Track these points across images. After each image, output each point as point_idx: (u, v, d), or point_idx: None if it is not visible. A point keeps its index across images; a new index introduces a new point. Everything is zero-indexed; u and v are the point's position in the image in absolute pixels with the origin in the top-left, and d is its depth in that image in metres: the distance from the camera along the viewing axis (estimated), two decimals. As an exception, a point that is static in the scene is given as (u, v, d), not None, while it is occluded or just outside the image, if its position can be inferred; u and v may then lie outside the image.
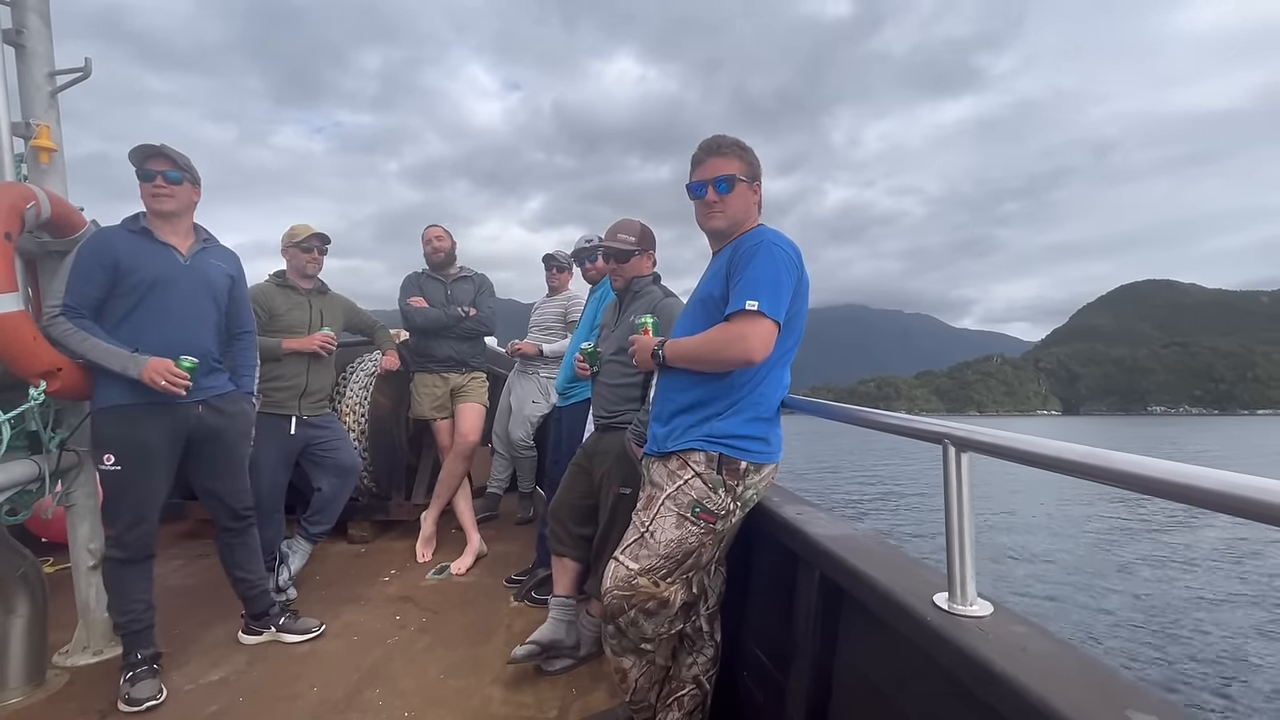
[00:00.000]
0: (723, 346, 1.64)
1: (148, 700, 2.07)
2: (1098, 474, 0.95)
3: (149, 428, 2.15)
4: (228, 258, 2.43)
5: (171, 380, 2.10)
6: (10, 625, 2.14)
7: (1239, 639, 8.11)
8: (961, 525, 1.21)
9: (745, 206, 1.80)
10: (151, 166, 2.19)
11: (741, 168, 1.78)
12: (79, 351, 2.07)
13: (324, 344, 3.17)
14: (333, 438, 3.26)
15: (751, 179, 1.80)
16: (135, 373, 2.08)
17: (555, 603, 2.42)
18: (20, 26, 2.28)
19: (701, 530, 1.70)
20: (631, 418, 2.25)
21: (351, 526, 3.94)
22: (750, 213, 1.82)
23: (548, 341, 4.15)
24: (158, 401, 2.13)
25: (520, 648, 2.25)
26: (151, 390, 2.10)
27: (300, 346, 3.11)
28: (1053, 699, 0.90)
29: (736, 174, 1.76)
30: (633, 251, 2.45)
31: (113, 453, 2.11)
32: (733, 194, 1.77)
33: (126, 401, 2.12)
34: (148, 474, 2.16)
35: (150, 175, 2.19)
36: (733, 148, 1.79)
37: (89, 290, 2.10)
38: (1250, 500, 0.73)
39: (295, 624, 2.61)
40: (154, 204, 2.21)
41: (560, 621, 2.37)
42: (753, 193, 1.81)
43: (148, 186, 2.19)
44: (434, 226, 3.82)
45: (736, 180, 1.76)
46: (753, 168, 1.80)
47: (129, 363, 2.08)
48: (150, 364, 2.09)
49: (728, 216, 1.79)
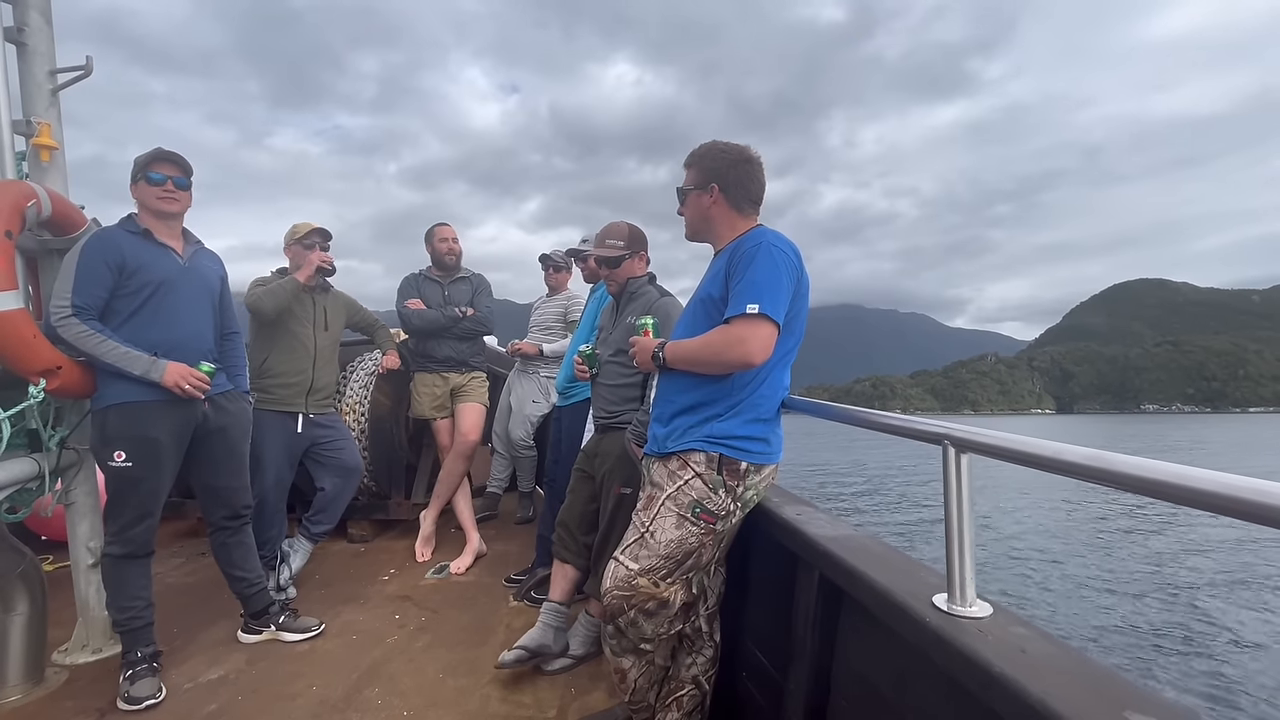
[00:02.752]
0: (723, 349, 1.65)
1: (147, 699, 2.07)
2: (1098, 476, 0.95)
3: (161, 424, 2.18)
4: (217, 260, 2.49)
5: (195, 384, 2.17)
6: (9, 623, 2.14)
7: (1238, 639, 8.11)
8: (961, 526, 1.21)
9: (698, 213, 1.85)
10: (163, 171, 2.22)
11: (692, 177, 1.85)
12: (94, 354, 2.08)
13: (321, 260, 3.17)
14: (337, 437, 3.27)
15: (702, 185, 1.82)
16: (157, 376, 2.12)
17: (547, 608, 2.41)
18: (22, 24, 2.28)
19: (702, 531, 1.70)
20: (631, 418, 2.25)
21: (351, 526, 3.93)
22: (709, 215, 1.84)
23: (548, 341, 4.15)
24: (169, 398, 2.17)
25: (508, 653, 2.24)
26: (161, 387, 2.13)
27: (306, 270, 3.12)
28: (1051, 700, 0.90)
29: (685, 185, 1.86)
30: (623, 256, 2.45)
31: (124, 449, 2.12)
32: (685, 205, 1.88)
33: (141, 398, 2.14)
34: (159, 469, 2.19)
35: (160, 179, 2.21)
36: (690, 158, 1.87)
37: (97, 291, 2.11)
38: (1248, 502, 0.73)
39: (295, 623, 2.61)
40: (162, 206, 2.23)
41: (549, 627, 2.35)
42: (707, 197, 1.82)
43: (156, 190, 2.21)
44: (446, 226, 3.78)
45: (685, 191, 1.86)
46: (704, 173, 1.82)
47: (150, 366, 2.12)
48: (171, 367, 2.14)
49: (689, 226, 1.91)
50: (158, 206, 2.23)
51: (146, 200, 2.23)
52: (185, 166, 2.26)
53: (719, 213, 1.83)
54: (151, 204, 2.23)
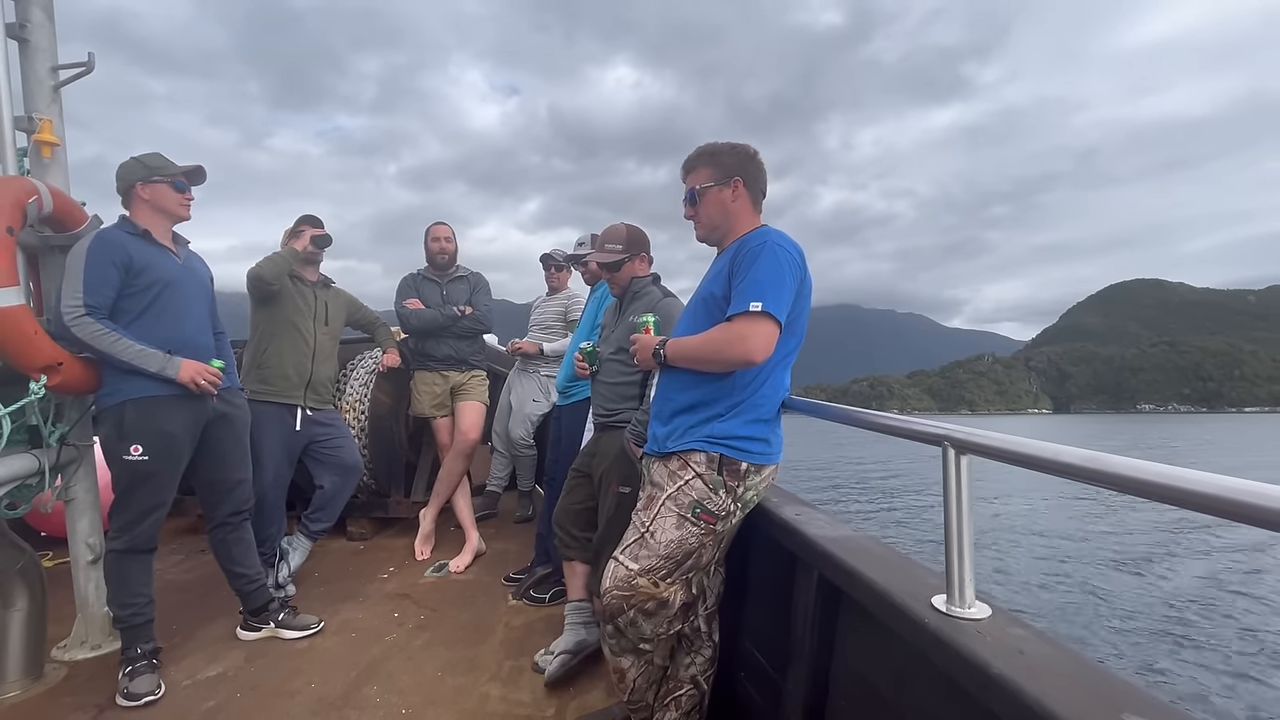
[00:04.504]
0: (724, 347, 1.65)
1: (146, 695, 2.07)
2: (1097, 478, 0.95)
3: (177, 418, 2.23)
4: (204, 263, 2.54)
5: (210, 380, 2.24)
6: (9, 619, 2.15)
7: (1238, 641, 8.12)
8: (961, 527, 1.21)
9: (720, 209, 1.83)
10: (189, 181, 2.35)
11: (709, 174, 1.82)
12: (110, 352, 2.10)
13: (314, 235, 3.19)
14: (336, 435, 3.27)
15: (723, 180, 1.80)
16: (173, 373, 2.18)
17: (570, 608, 2.41)
18: (24, 20, 2.28)
19: (702, 531, 1.70)
20: (630, 416, 2.25)
21: (350, 524, 3.94)
22: (731, 211, 1.82)
23: (548, 340, 4.15)
24: (183, 394, 2.22)
25: (552, 664, 2.22)
26: (175, 383, 2.19)
27: (299, 242, 3.14)
28: (1049, 702, 0.90)
29: (701, 184, 1.82)
30: (622, 259, 2.45)
31: (142, 443, 2.15)
32: (703, 202, 1.83)
33: (158, 393, 2.18)
34: (174, 463, 2.24)
35: (185, 187, 2.33)
36: (700, 158, 1.84)
37: (107, 291, 2.13)
38: (1247, 505, 0.74)
39: (294, 620, 2.61)
40: (181, 212, 2.35)
41: (578, 625, 2.36)
42: (729, 191, 1.81)
43: (179, 196, 2.32)
44: (442, 225, 3.78)
45: (704, 189, 1.82)
46: (724, 169, 1.80)
47: (166, 363, 2.17)
48: (186, 364, 2.21)
49: (703, 225, 1.87)
50: (177, 212, 2.33)
51: (165, 203, 2.28)
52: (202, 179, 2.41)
53: (741, 206, 1.82)
54: (171, 208, 2.30)
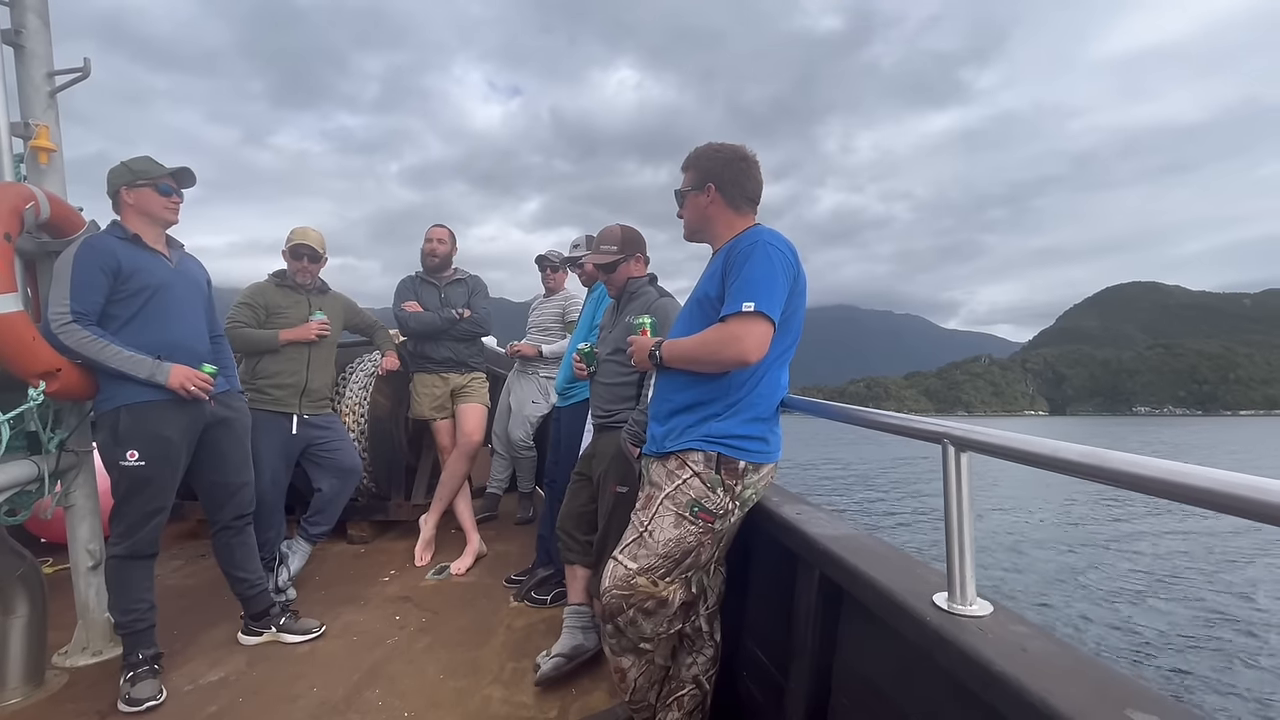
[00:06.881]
0: (718, 347, 1.65)
1: (147, 700, 2.07)
2: (1096, 473, 0.95)
3: (173, 423, 2.22)
4: (201, 265, 2.51)
5: (200, 385, 2.22)
6: (9, 626, 2.14)
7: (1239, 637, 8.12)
8: (961, 525, 1.21)
9: (696, 213, 1.87)
10: (177, 184, 2.31)
11: (688, 178, 1.87)
12: (97, 358, 2.09)
13: (320, 330, 3.17)
14: (334, 438, 3.26)
15: (698, 185, 1.83)
16: (162, 379, 2.16)
17: (569, 611, 2.41)
18: (19, 26, 2.28)
19: (700, 529, 1.70)
20: (628, 416, 2.25)
21: (351, 527, 3.93)
22: (707, 215, 1.85)
23: (546, 342, 4.15)
24: (178, 399, 2.20)
25: (547, 664, 2.23)
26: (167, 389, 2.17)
27: (296, 336, 3.12)
28: (1052, 699, 0.90)
29: (682, 187, 1.89)
30: (617, 260, 2.45)
31: (138, 448, 2.15)
32: (684, 206, 1.90)
33: (152, 398, 2.17)
34: (171, 467, 2.22)
35: (170, 190, 2.29)
36: (687, 161, 1.89)
37: (94, 297, 2.12)
38: (1246, 499, 0.73)
39: (295, 624, 2.61)
40: (167, 215, 2.31)
41: (576, 629, 2.36)
42: (704, 196, 1.83)
43: (164, 199, 2.28)
44: (439, 227, 3.76)
45: (683, 193, 1.88)
46: (701, 173, 1.83)
47: (155, 369, 2.15)
48: (175, 370, 2.18)
49: (686, 226, 1.93)
50: (163, 215, 2.29)
51: (149, 207, 2.25)
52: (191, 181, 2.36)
53: (716, 212, 1.84)
54: (156, 212, 2.27)
